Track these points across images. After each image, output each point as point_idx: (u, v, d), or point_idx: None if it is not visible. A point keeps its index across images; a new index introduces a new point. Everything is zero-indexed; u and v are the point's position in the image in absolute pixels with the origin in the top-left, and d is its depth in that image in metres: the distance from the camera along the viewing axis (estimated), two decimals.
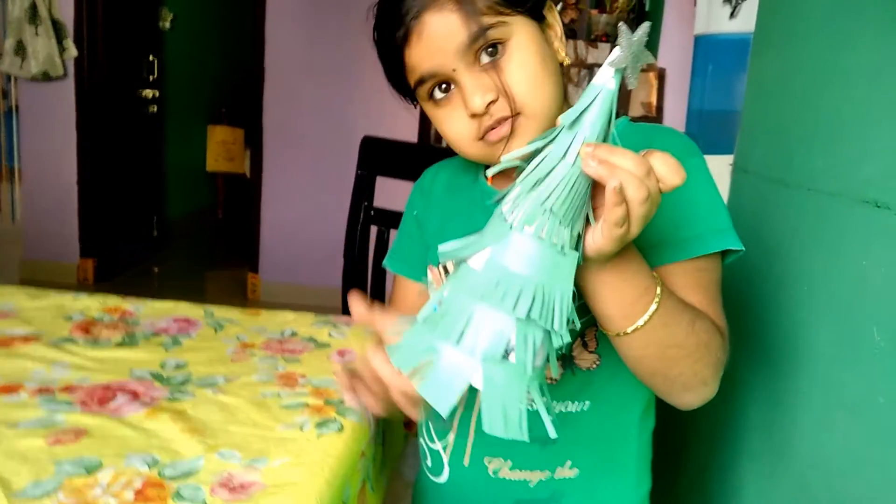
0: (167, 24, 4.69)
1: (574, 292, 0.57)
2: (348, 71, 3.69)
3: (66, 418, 0.92)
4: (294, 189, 3.85)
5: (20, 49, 3.59)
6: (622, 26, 0.53)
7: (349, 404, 0.78)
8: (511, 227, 0.55)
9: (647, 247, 0.74)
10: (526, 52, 0.75)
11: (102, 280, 4.02)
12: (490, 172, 0.64)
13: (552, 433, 0.57)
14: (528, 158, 0.56)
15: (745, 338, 1.17)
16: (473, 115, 0.75)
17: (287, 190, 3.86)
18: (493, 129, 0.75)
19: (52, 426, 0.90)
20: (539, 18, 0.79)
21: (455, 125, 0.78)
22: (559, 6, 0.84)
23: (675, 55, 2.09)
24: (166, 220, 4.95)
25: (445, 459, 0.90)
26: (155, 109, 4.56)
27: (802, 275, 1.01)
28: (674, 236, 0.75)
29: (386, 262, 1.00)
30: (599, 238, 0.56)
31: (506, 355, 0.55)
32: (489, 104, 0.74)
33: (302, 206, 3.86)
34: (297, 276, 3.85)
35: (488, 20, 0.73)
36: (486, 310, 0.54)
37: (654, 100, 2.07)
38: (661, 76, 2.08)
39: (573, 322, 0.57)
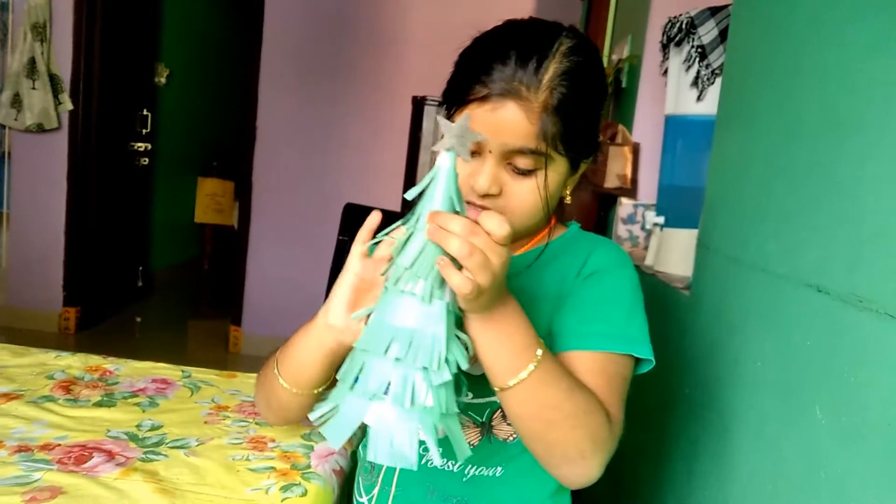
0: (163, 80, 4.79)
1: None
2: (337, 137, 3.79)
3: (42, 476, 0.95)
4: (280, 244, 3.90)
5: (17, 101, 3.66)
6: (439, 119, 0.66)
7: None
8: (386, 288, 0.66)
9: (560, 331, 0.82)
10: (543, 189, 0.80)
11: (84, 329, 4.01)
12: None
13: (436, 460, 0.65)
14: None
15: (703, 409, 1.21)
16: (472, 187, 0.81)
17: (273, 245, 3.90)
18: (471, 205, 0.81)
19: (30, 484, 0.93)
20: (575, 167, 0.85)
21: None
22: None
23: (648, 131, 2.18)
24: (151, 271, 4.97)
25: None
26: (146, 162, 4.62)
27: (756, 352, 1.06)
28: (586, 328, 0.82)
29: None
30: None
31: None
32: (488, 194, 0.80)
33: (287, 261, 3.90)
34: (279, 330, 3.84)
35: (543, 148, 0.78)
36: (371, 359, 0.65)
37: (628, 172, 2.14)
38: (636, 150, 2.16)
39: (459, 363, 0.65)
